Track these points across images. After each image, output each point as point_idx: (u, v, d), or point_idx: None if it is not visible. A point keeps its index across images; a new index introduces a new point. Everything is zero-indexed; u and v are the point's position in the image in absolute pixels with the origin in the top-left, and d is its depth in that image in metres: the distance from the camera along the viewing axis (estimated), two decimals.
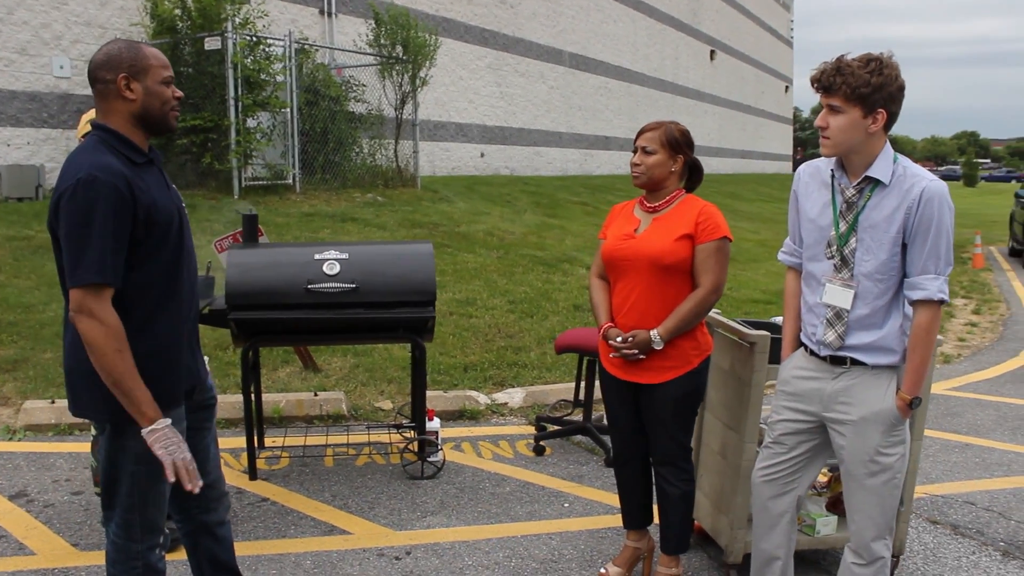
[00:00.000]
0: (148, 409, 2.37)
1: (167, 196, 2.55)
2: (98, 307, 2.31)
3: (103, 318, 2.30)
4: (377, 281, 4.29)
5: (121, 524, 2.57)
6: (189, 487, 2.43)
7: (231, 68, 11.07)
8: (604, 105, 27.63)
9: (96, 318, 2.30)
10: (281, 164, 12.22)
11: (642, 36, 30.49)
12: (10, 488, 4.45)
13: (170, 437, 2.41)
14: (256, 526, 4.04)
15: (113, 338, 2.31)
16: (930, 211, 2.56)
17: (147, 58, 2.46)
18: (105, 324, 2.30)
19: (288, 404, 5.57)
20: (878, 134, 2.61)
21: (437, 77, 17.79)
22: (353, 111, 13.94)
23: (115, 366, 2.31)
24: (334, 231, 10.44)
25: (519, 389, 6.14)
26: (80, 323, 2.31)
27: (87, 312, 2.30)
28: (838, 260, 2.72)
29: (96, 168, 2.34)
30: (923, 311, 2.61)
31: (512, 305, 8.19)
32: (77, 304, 2.31)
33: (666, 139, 3.16)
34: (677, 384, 3.15)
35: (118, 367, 2.31)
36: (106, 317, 2.31)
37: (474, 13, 20.75)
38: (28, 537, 3.92)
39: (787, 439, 2.89)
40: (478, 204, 14.76)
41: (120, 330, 2.33)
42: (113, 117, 2.47)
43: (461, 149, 20.57)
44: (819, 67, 2.62)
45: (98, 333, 2.30)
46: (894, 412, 2.67)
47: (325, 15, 16.25)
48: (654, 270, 3.10)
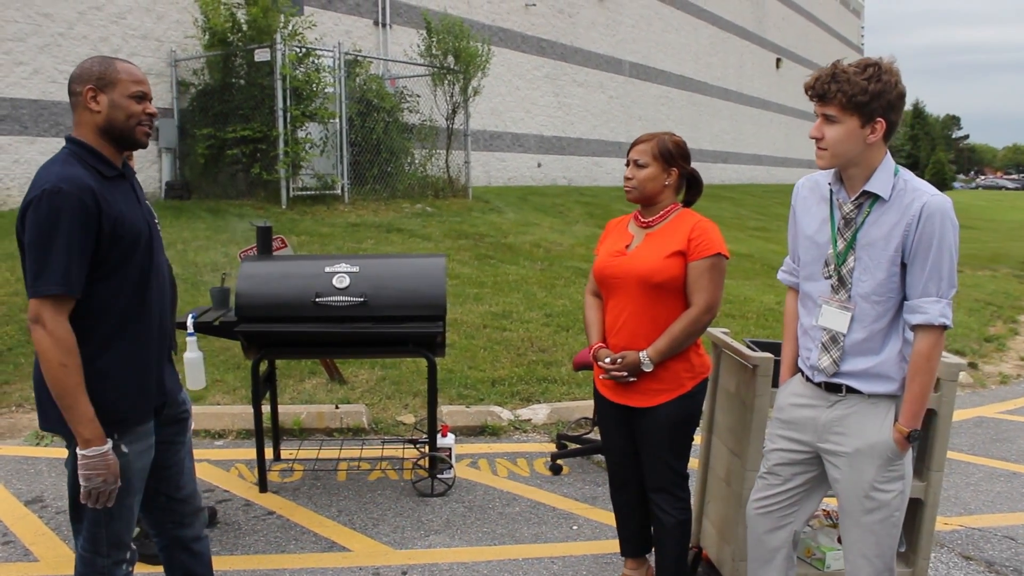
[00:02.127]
0: (85, 430, 2.34)
1: (136, 210, 2.53)
2: (52, 319, 2.30)
3: (53, 330, 2.29)
4: (386, 295, 4.23)
5: (88, 539, 2.55)
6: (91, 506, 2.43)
7: (279, 79, 11.20)
8: (665, 115, 27.32)
9: (47, 329, 2.29)
10: (330, 174, 12.31)
11: (704, 44, 30.10)
12: (27, 493, 4.51)
13: (98, 468, 2.37)
14: (257, 540, 4.00)
15: (61, 351, 2.29)
16: (931, 228, 2.37)
17: (117, 72, 2.46)
18: (54, 337, 2.29)
19: (309, 416, 5.55)
20: (877, 145, 2.44)
21: (493, 87, 17.81)
22: (406, 121, 14.01)
23: (58, 379, 2.30)
24: (378, 241, 10.46)
25: (544, 405, 6.02)
26: (34, 332, 2.32)
27: (40, 322, 2.30)
28: (835, 280, 2.54)
29: (62, 180, 2.34)
30: (923, 337, 2.42)
31: (548, 319, 8.06)
32: (33, 314, 2.32)
33: (659, 151, 3.02)
34: (669, 408, 3.00)
35: (61, 381, 2.30)
36: (56, 329, 2.29)
37: (531, 23, 20.72)
38: (35, 543, 3.95)
39: (782, 470, 2.72)
40: (528, 215, 14.67)
41: (70, 345, 2.31)
42: (82, 129, 2.48)
43: (517, 159, 20.53)
44: (814, 74, 2.46)
45: (47, 345, 2.29)
46: (891, 445, 2.48)
47: (379, 26, 16.39)
48: (644, 288, 2.96)
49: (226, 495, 4.51)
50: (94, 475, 2.36)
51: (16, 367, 6.18)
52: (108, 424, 2.42)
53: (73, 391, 2.31)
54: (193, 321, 4.28)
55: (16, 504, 4.37)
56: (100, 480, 2.37)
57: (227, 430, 5.45)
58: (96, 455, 2.35)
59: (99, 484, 2.37)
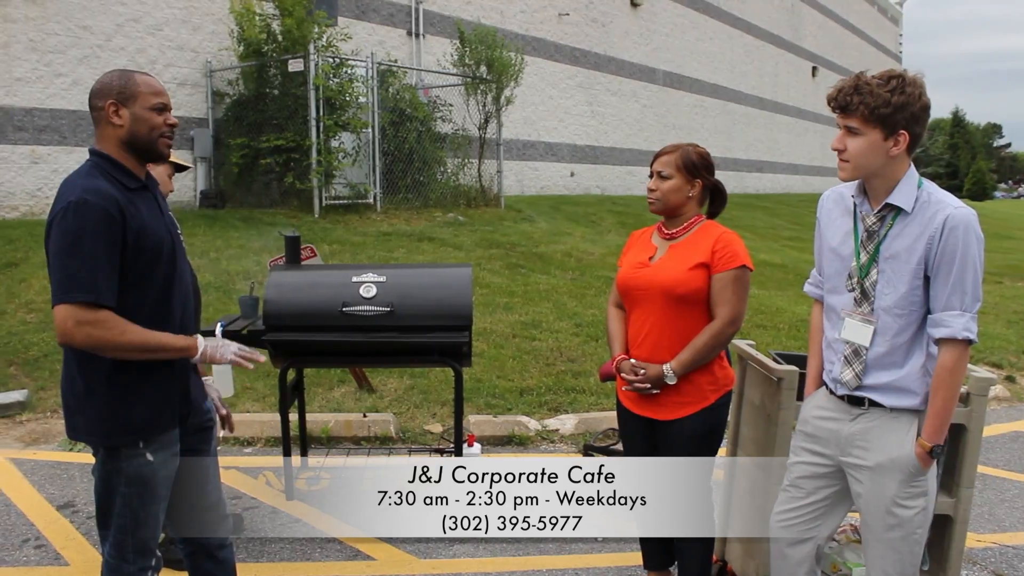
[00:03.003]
0: (185, 344, 2.54)
1: (159, 221, 2.57)
2: (84, 314, 2.34)
3: (90, 318, 2.35)
4: (412, 304, 4.24)
5: (114, 545, 2.59)
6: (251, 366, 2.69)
7: (313, 90, 11.31)
8: (699, 124, 27.18)
9: (84, 321, 2.34)
10: (362, 183, 12.40)
11: (739, 53, 29.91)
12: (60, 498, 4.59)
13: (216, 347, 2.63)
14: (283, 547, 4.03)
15: (111, 327, 2.38)
16: (954, 241, 2.34)
17: (136, 85, 2.50)
18: (98, 321, 2.36)
19: (337, 424, 5.59)
20: (900, 157, 2.41)
21: (526, 96, 17.84)
22: (439, 131, 14.09)
23: (133, 343, 2.42)
24: (409, 250, 10.51)
25: (572, 415, 6.00)
26: (78, 336, 2.35)
27: (80, 322, 2.34)
28: (858, 293, 2.52)
29: (87, 191, 2.39)
30: (947, 351, 2.39)
31: (578, 328, 8.05)
32: (62, 321, 2.34)
33: (683, 163, 3.01)
34: (692, 421, 2.98)
35: (136, 343, 2.42)
36: (92, 316, 2.35)
37: (564, 32, 20.74)
38: (66, 548, 4.01)
39: (804, 483, 2.69)
40: (561, 224, 14.66)
41: (114, 318, 2.39)
42: (105, 143, 2.52)
43: (550, 168, 20.53)
44: (836, 85, 2.44)
45: (96, 332, 2.36)
46: (913, 460, 2.44)
47: (413, 36, 16.51)
48: (667, 301, 2.95)
49: (253, 502, 4.55)
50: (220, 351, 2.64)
51: (52, 373, 6.29)
52: (133, 432, 2.46)
53: (155, 345, 2.46)
54: (222, 329, 4.33)
55: (48, 508, 4.45)
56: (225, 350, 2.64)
57: (256, 437, 5.51)
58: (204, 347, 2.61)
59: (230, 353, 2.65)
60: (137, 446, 2.48)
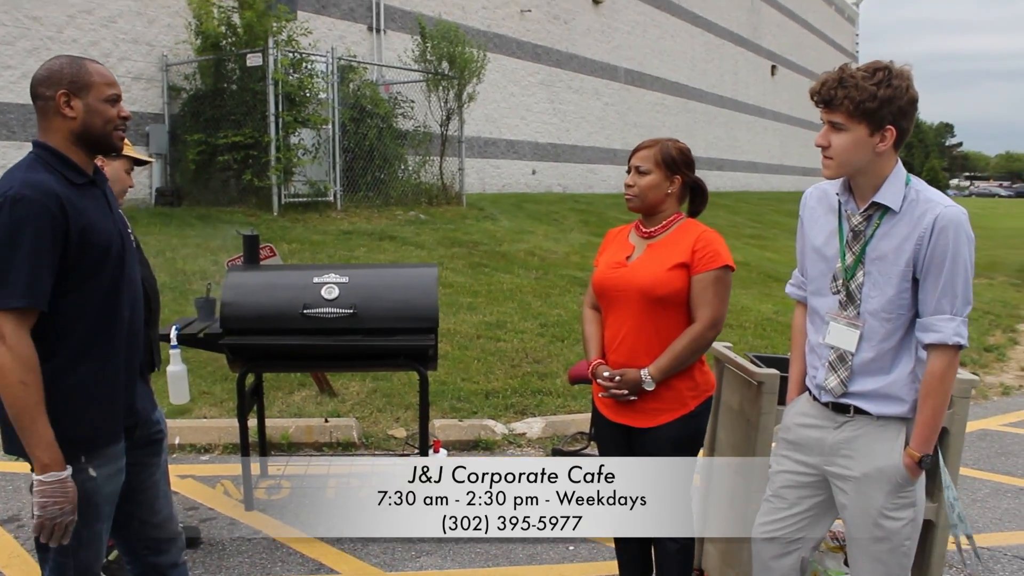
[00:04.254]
0: (43, 454, 2.18)
1: (108, 219, 2.39)
2: (12, 333, 2.15)
3: (14, 345, 2.14)
4: (377, 306, 4.09)
5: (54, 568, 2.40)
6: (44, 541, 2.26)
7: (272, 85, 11.07)
8: (661, 122, 27.25)
9: (7, 345, 2.14)
10: (323, 181, 12.18)
11: (700, 51, 30.06)
12: (3, 512, 4.36)
13: (55, 495, 2.20)
14: (242, 561, 3.86)
15: (21, 368, 2.14)
16: (944, 241, 2.23)
17: (90, 74, 2.32)
18: (14, 352, 2.14)
19: (297, 430, 5.41)
20: (887, 153, 2.31)
21: (488, 93, 17.70)
22: (400, 128, 13.90)
23: (16, 398, 2.14)
24: (370, 249, 10.32)
25: (539, 419, 5.88)
26: None
27: (0, 337, 2.14)
28: (843, 296, 2.41)
29: (26, 186, 2.20)
30: (937, 356, 2.29)
31: (543, 328, 7.93)
32: None
33: (662, 158, 2.89)
34: (671, 428, 2.86)
35: (19, 400, 2.14)
36: (17, 344, 2.14)
37: (526, 29, 20.63)
38: (9, 566, 3.80)
39: (788, 492, 2.59)
40: (523, 222, 14.55)
41: (31, 362, 2.16)
42: (52, 135, 2.33)
43: (512, 166, 20.42)
44: (820, 78, 2.33)
45: (7, 361, 2.14)
46: (901, 470, 2.34)
47: (374, 31, 16.28)
48: (645, 302, 2.82)
49: (211, 513, 4.36)
50: (51, 503, 2.19)
51: None
52: (74, 446, 2.27)
53: (31, 411, 2.15)
54: (177, 333, 4.14)
55: None
56: (57, 509, 2.20)
57: (213, 444, 5.31)
58: (54, 480, 2.19)
59: (55, 514, 2.20)
60: (79, 461, 2.29)
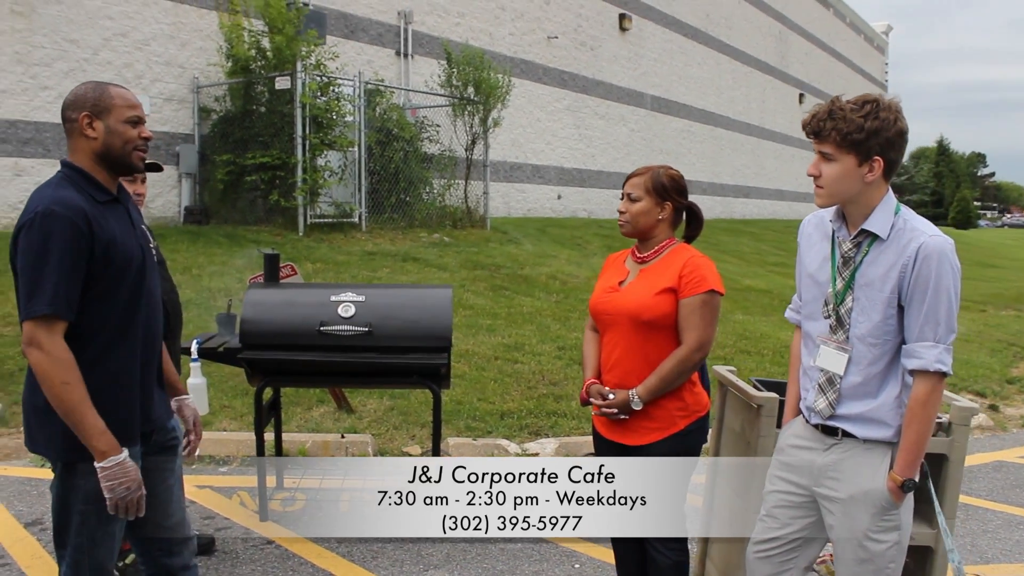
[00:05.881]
0: (99, 443, 2.35)
1: (130, 235, 2.53)
2: (47, 339, 2.31)
3: (50, 350, 2.30)
4: (391, 325, 4.20)
5: (71, 564, 2.53)
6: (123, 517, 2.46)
7: (299, 107, 11.30)
8: (687, 148, 27.34)
9: (44, 350, 2.30)
10: (348, 202, 12.37)
11: (727, 79, 30.16)
12: (28, 515, 4.50)
13: (118, 476, 2.39)
14: (254, 569, 3.96)
15: (61, 370, 2.30)
16: (927, 270, 2.30)
17: (111, 98, 2.47)
18: (52, 356, 2.30)
19: (314, 445, 5.52)
20: (877, 183, 2.39)
21: (514, 118, 17.89)
22: (425, 151, 14.10)
23: (62, 398, 2.31)
24: (393, 270, 10.46)
25: (552, 439, 5.95)
26: (30, 355, 2.33)
27: (36, 344, 2.31)
28: (834, 320, 2.49)
29: (55, 203, 2.35)
30: (920, 383, 2.35)
31: (561, 351, 8.00)
32: (28, 336, 2.33)
33: (652, 185, 2.98)
34: (662, 447, 2.94)
35: (65, 399, 2.31)
36: (53, 349, 2.30)
37: (553, 55, 20.85)
38: (31, 566, 3.93)
39: (780, 513, 2.65)
40: (546, 247, 14.65)
41: (68, 362, 2.32)
42: (78, 155, 2.49)
43: (537, 191, 20.57)
44: (811, 110, 2.42)
45: (46, 366, 2.31)
46: (885, 494, 2.40)
47: (401, 56, 16.55)
48: (635, 326, 2.91)
49: (226, 523, 4.47)
50: (116, 484, 2.38)
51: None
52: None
53: (79, 407, 2.32)
54: (198, 347, 4.27)
55: (16, 526, 4.36)
56: (124, 489, 2.39)
57: (232, 456, 5.43)
58: (113, 464, 2.37)
59: (123, 493, 2.39)
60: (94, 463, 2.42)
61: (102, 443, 2.36)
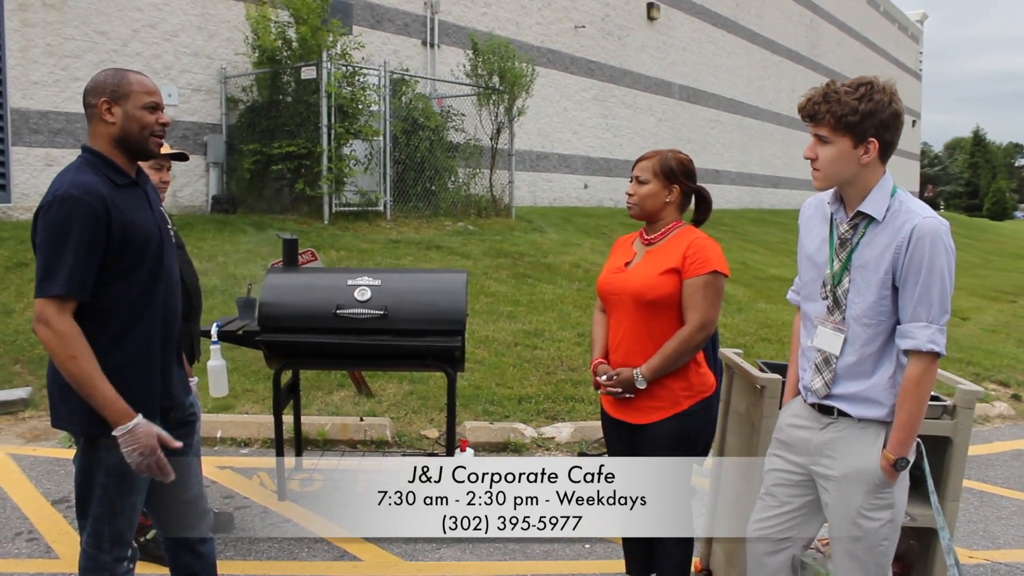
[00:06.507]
0: (110, 413, 2.44)
1: (148, 216, 2.62)
2: (54, 317, 2.39)
3: (56, 326, 2.39)
4: (406, 308, 4.27)
5: (91, 534, 2.63)
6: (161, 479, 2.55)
7: (325, 97, 11.40)
8: (715, 138, 27.16)
9: (51, 327, 2.39)
10: (373, 191, 12.47)
11: (756, 68, 29.89)
12: (55, 493, 4.64)
13: (129, 443, 2.47)
14: (271, 546, 4.06)
15: (68, 345, 2.39)
16: (920, 251, 2.33)
17: (129, 84, 2.56)
18: (58, 333, 2.39)
19: (333, 427, 5.62)
20: (872, 165, 2.42)
21: (540, 108, 17.89)
22: (450, 140, 14.15)
23: (72, 372, 2.40)
24: (416, 258, 10.55)
25: (568, 424, 6.01)
26: (39, 332, 2.42)
27: (44, 322, 2.40)
28: (831, 301, 2.52)
29: (74, 186, 2.44)
30: (913, 362, 2.38)
31: (580, 338, 8.05)
32: (37, 314, 2.42)
33: (660, 168, 3.03)
34: (665, 426, 2.99)
35: (75, 373, 2.40)
36: (60, 325, 2.39)
37: (580, 45, 20.80)
38: (58, 541, 4.06)
39: (779, 491, 2.69)
40: (571, 235, 14.67)
41: (74, 336, 2.40)
42: (97, 139, 2.58)
43: (564, 180, 20.56)
44: (807, 94, 2.45)
45: (54, 342, 2.39)
46: (878, 472, 2.43)
47: (427, 46, 16.61)
48: (639, 306, 2.97)
49: (245, 502, 4.58)
50: (131, 451, 2.46)
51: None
52: None
53: (89, 379, 2.41)
54: (217, 330, 4.38)
55: (44, 503, 4.50)
56: (138, 455, 2.47)
57: (253, 439, 5.54)
58: (124, 433, 2.45)
59: (138, 459, 2.47)
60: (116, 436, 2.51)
61: (113, 412, 2.44)
